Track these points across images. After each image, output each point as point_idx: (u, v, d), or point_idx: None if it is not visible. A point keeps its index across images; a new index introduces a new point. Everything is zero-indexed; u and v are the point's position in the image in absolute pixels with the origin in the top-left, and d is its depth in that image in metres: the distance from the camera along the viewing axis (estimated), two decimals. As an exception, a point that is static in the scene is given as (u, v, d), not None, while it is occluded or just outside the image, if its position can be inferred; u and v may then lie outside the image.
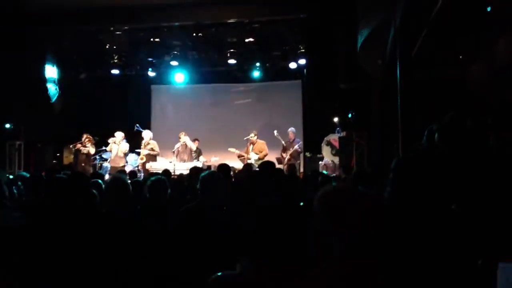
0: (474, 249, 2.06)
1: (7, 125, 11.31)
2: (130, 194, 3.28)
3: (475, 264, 1.89)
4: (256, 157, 10.32)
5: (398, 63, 6.57)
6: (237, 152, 10.70)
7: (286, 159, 10.42)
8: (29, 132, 11.51)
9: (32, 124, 11.37)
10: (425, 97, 6.80)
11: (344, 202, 1.66)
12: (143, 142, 10.62)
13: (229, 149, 10.86)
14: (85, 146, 10.56)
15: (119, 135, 10.50)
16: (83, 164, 10.48)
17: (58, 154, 12.81)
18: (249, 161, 10.23)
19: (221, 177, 3.57)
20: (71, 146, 10.96)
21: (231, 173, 6.58)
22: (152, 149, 10.50)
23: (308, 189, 4.70)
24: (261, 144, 10.56)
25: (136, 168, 10.59)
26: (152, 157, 10.49)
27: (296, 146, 10.53)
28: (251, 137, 10.56)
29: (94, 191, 3.43)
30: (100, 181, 4.53)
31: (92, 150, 10.73)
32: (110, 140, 10.52)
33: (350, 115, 10.41)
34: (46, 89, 11.30)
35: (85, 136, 10.65)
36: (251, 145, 10.61)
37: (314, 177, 5.93)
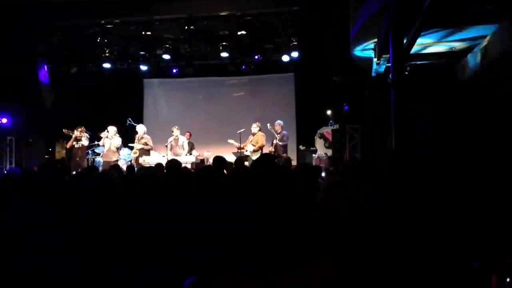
0: (468, 247, 2.06)
1: (4, 120, 11.20)
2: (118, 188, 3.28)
3: (469, 264, 1.90)
4: (252, 148, 10.31)
5: (391, 55, 6.57)
6: (237, 144, 10.66)
7: (273, 152, 10.40)
8: (20, 127, 11.41)
9: (23, 119, 11.27)
10: (419, 88, 6.82)
11: (342, 196, 1.65)
12: (137, 136, 10.55)
13: (229, 140, 10.82)
14: (79, 140, 10.45)
15: (112, 129, 10.41)
16: (77, 159, 10.37)
17: (50, 149, 12.72)
18: (245, 153, 10.28)
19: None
20: (66, 146, 10.82)
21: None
22: (145, 144, 10.44)
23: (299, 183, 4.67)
24: (260, 136, 10.48)
25: (129, 162, 10.54)
26: (145, 152, 10.43)
27: (276, 140, 10.44)
28: (253, 128, 10.53)
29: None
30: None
31: (86, 142, 10.62)
32: (103, 135, 10.43)
33: (346, 107, 10.40)
34: (37, 85, 11.21)
35: (78, 128, 10.53)
36: (251, 137, 10.60)
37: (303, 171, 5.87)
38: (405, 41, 5.72)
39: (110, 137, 10.34)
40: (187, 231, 2.89)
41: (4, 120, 11.08)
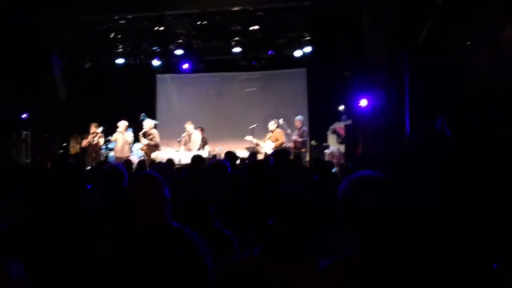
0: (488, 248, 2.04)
1: (23, 115, 11.37)
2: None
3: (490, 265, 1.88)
4: (272, 145, 10.38)
5: (404, 50, 6.52)
6: (254, 141, 10.68)
7: (292, 148, 10.50)
8: (35, 122, 11.57)
9: (39, 115, 11.41)
10: (431, 84, 6.74)
11: (368, 189, 1.65)
12: (142, 132, 10.59)
13: (246, 137, 10.85)
14: (94, 137, 10.58)
15: (122, 124, 10.47)
16: (93, 154, 10.51)
17: (64, 144, 12.86)
18: (264, 150, 10.37)
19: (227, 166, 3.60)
20: (82, 144, 10.96)
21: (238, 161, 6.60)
22: (151, 139, 10.47)
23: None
24: (279, 133, 10.60)
25: (142, 157, 10.60)
26: (153, 147, 10.48)
27: (294, 136, 10.49)
28: (271, 125, 10.61)
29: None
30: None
31: (102, 141, 10.75)
32: (118, 130, 10.54)
33: (364, 102, 10.30)
34: (51, 80, 11.32)
35: (92, 126, 10.66)
36: (270, 133, 10.67)
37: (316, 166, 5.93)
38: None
39: (122, 132, 10.40)
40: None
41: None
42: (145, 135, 10.58)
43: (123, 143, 10.41)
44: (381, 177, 1.70)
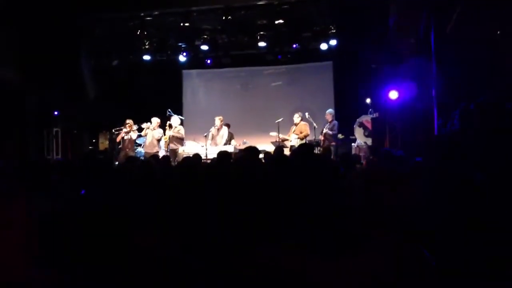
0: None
1: (55, 112, 11.65)
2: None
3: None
4: (296, 137, 10.42)
5: (432, 41, 6.40)
6: (280, 136, 10.70)
7: (322, 141, 10.50)
8: (65, 119, 11.83)
9: (68, 111, 11.66)
10: (459, 76, 6.59)
11: (377, 179, 1.64)
12: (169, 123, 10.78)
13: (271, 133, 10.88)
14: (128, 133, 10.79)
15: (155, 120, 10.67)
16: (127, 150, 10.71)
17: (93, 140, 13.12)
18: (290, 143, 10.37)
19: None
20: (116, 138, 11.16)
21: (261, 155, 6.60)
22: (178, 132, 10.64)
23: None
24: (303, 125, 10.68)
25: (167, 153, 10.74)
26: (178, 140, 10.61)
27: (325, 129, 10.48)
28: (295, 118, 10.69)
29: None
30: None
31: (134, 136, 10.94)
32: (144, 125, 10.70)
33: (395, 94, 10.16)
34: (81, 77, 11.55)
35: (128, 121, 10.85)
36: (294, 127, 10.73)
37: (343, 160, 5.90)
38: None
39: (152, 129, 10.58)
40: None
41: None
42: (170, 127, 10.74)
43: (152, 139, 10.60)
44: (392, 169, 1.68)
